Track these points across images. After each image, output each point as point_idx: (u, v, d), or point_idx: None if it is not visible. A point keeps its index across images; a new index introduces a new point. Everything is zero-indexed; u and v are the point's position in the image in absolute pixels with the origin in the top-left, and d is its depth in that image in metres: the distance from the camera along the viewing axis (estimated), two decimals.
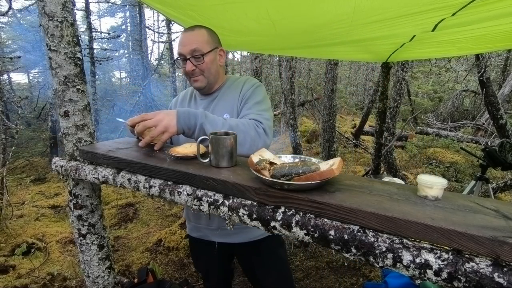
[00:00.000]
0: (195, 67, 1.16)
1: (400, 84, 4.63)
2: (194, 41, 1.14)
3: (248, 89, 1.23)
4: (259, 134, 1.06)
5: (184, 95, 1.41)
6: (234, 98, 1.23)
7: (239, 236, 1.30)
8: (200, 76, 1.20)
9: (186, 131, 1.01)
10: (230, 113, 1.21)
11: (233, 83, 1.29)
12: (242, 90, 1.23)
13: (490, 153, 2.46)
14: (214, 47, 1.19)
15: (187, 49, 1.14)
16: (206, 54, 1.15)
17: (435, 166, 5.74)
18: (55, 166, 1.23)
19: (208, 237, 1.33)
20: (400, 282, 1.79)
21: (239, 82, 1.28)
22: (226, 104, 1.24)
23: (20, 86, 10.78)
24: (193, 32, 1.17)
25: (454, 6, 1.24)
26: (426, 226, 0.57)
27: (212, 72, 1.21)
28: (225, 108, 1.23)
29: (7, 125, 3.81)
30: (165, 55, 10.95)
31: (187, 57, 1.15)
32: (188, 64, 1.16)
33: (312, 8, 1.39)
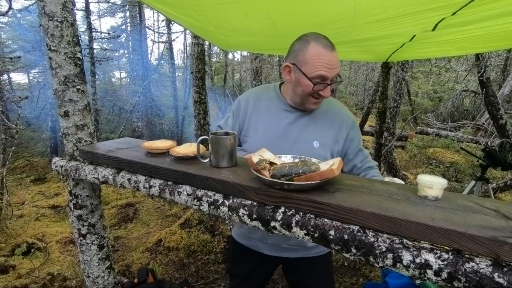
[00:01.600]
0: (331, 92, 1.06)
1: (400, 84, 4.63)
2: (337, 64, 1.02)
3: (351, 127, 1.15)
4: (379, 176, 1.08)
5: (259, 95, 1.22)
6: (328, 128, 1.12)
7: (294, 253, 1.23)
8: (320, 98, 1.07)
9: None
10: (320, 142, 1.11)
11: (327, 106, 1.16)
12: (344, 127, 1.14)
13: (490, 153, 2.45)
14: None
15: (333, 73, 1.01)
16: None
17: (435, 166, 5.74)
18: (55, 166, 1.23)
19: (259, 248, 1.26)
20: (400, 282, 1.79)
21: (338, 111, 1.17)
22: (318, 130, 1.12)
23: (20, 86, 10.78)
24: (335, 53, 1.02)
25: (454, 6, 1.24)
26: (426, 226, 0.57)
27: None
28: (316, 134, 1.11)
29: (7, 125, 3.81)
30: (165, 55, 10.94)
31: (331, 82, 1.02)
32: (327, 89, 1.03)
33: (312, 8, 1.39)
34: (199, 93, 3.53)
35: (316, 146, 1.10)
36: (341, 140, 1.13)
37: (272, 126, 1.14)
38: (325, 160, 1.04)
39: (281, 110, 1.16)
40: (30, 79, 11.04)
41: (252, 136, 1.17)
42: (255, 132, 1.16)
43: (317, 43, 1.02)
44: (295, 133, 1.12)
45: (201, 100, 3.55)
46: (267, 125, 1.15)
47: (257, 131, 1.16)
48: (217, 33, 1.96)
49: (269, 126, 1.14)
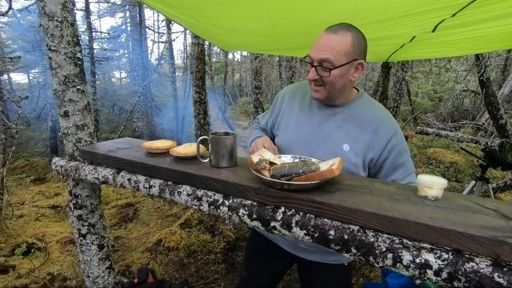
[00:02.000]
0: (318, 77, 0.97)
1: (400, 84, 4.63)
2: (329, 48, 0.93)
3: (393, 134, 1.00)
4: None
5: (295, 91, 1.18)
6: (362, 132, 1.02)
7: (313, 255, 1.19)
8: (321, 87, 1.00)
9: None
10: (351, 146, 1.01)
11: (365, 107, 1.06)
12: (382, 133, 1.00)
13: (490, 153, 2.45)
14: (352, 59, 0.95)
15: (317, 56, 0.94)
16: (336, 68, 0.94)
17: (435, 166, 5.74)
18: (55, 166, 1.23)
19: (277, 241, 1.24)
20: (400, 282, 1.78)
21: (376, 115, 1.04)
22: (349, 132, 1.02)
23: (20, 86, 10.78)
24: (335, 36, 0.93)
25: (454, 7, 1.24)
26: (426, 226, 0.57)
27: (337, 87, 0.99)
28: (347, 137, 1.02)
29: (7, 125, 3.81)
30: (165, 55, 10.94)
31: (314, 64, 0.96)
32: (311, 72, 0.98)
33: (312, 8, 1.39)
34: (199, 93, 3.53)
35: (346, 150, 1.01)
36: (377, 147, 1.00)
37: (303, 123, 1.10)
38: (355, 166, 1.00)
39: (314, 106, 1.10)
40: (30, 79, 11.04)
41: (283, 130, 1.15)
42: (286, 127, 1.14)
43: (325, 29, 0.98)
44: (324, 133, 1.05)
45: (201, 100, 3.56)
46: (298, 121, 1.11)
47: (288, 126, 1.13)
48: (217, 33, 1.96)
49: (300, 122, 1.10)
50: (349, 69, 0.97)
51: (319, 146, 1.04)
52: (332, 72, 0.94)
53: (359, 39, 0.96)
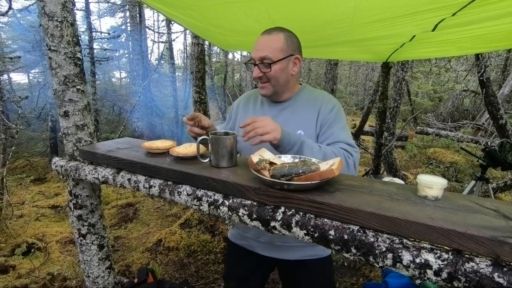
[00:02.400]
0: (262, 74, 1.11)
1: (400, 84, 4.63)
2: (266, 47, 1.08)
3: (330, 111, 1.14)
4: (349, 166, 1.03)
5: (248, 97, 1.32)
6: (309, 116, 1.15)
7: (288, 253, 1.23)
8: (267, 83, 1.13)
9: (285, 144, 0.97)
10: (304, 130, 1.14)
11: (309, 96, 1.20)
12: (321, 110, 1.15)
13: (490, 153, 2.45)
14: (288, 54, 1.10)
15: (257, 55, 1.09)
16: (275, 63, 1.08)
17: (435, 166, 5.74)
18: (55, 166, 1.23)
19: (253, 248, 1.28)
20: (400, 282, 1.79)
21: (316, 98, 1.19)
22: (299, 119, 1.16)
23: (20, 86, 10.78)
24: (269, 36, 1.10)
25: (454, 6, 1.24)
26: (426, 226, 0.57)
27: (280, 81, 1.13)
28: (299, 124, 1.15)
29: (7, 125, 3.81)
30: (165, 55, 10.95)
31: (256, 62, 1.11)
32: (255, 70, 1.12)
33: (312, 8, 1.39)
34: (199, 93, 3.53)
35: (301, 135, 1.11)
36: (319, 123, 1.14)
37: None
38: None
39: (265, 106, 1.24)
40: (30, 79, 11.05)
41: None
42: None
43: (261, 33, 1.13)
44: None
45: (201, 100, 3.56)
46: None
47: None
48: (217, 33, 1.96)
49: None
50: (287, 64, 1.12)
51: None
52: (272, 67, 1.08)
53: (291, 37, 1.12)
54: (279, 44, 1.08)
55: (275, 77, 1.11)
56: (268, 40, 1.09)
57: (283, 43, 1.09)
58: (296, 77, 1.19)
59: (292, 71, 1.14)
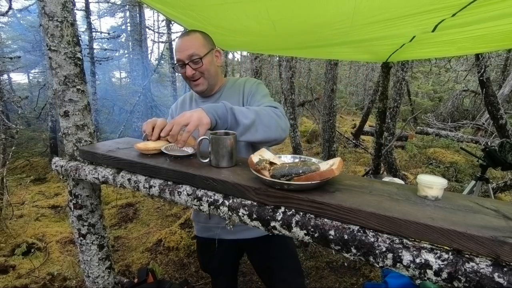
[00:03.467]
0: (195, 71, 1.19)
1: (400, 84, 4.63)
2: (190, 46, 1.17)
3: (251, 86, 1.27)
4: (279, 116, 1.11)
5: (183, 100, 1.43)
6: (237, 98, 1.26)
7: (251, 232, 1.32)
8: (201, 78, 1.22)
9: (219, 120, 0.98)
10: None
11: (234, 84, 1.32)
12: (245, 89, 1.27)
13: (490, 153, 2.45)
14: (210, 49, 1.22)
15: (184, 55, 1.17)
16: (203, 57, 1.18)
17: (435, 166, 5.74)
18: (55, 166, 1.23)
19: (219, 235, 1.34)
20: (400, 282, 1.79)
21: (240, 82, 1.32)
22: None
23: (20, 86, 10.79)
24: (188, 37, 1.20)
25: (454, 7, 1.24)
26: (426, 226, 0.57)
27: (212, 73, 1.24)
28: None
29: (7, 125, 3.81)
30: (165, 55, 10.95)
31: (186, 62, 1.18)
32: (188, 69, 1.19)
33: (312, 8, 1.39)
34: None
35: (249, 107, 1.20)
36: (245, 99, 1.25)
37: None
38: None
39: (199, 102, 1.34)
40: (30, 79, 11.04)
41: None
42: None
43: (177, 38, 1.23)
44: None
45: None
46: None
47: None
48: (217, 33, 1.96)
49: None
50: (212, 57, 1.23)
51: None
52: (202, 61, 1.18)
53: (205, 35, 1.25)
54: (199, 41, 1.20)
55: (207, 70, 1.21)
56: (189, 39, 1.19)
57: (202, 39, 1.21)
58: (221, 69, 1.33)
59: (217, 63, 1.27)
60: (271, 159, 0.85)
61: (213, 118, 0.96)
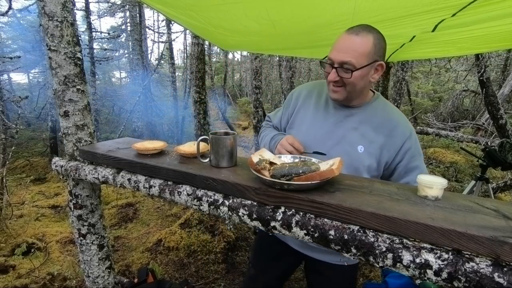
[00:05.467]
0: (339, 78, 0.98)
1: (400, 84, 4.63)
2: (351, 50, 0.94)
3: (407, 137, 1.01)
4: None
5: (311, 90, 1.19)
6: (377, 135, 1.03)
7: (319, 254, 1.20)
8: (341, 88, 1.01)
9: None
10: (366, 148, 1.02)
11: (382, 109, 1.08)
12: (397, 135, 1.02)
13: (490, 153, 2.45)
14: (372, 60, 0.96)
15: (338, 58, 0.96)
16: (357, 70, 0.95)
17: (435, 166, 5.74)
18: (55, 166, 1.23)
19: (285, 239, 1.26)
20: (400, 282, 1.78)
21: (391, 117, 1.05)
22: (365, 134, 1.03)
23: (20, 86, 10.79)
24: (355, 38, 0.94)
25: (454, 7, 1.24)
26: (426, 226, 0.57)
27: (357, 88, 1.00)
28: (362, 139, 1.03)
29: (7, 125, 3.81)
30: (165, 55, 10.94)
31: (335, 65, 0.97)
32: (332, 74, 0.99)
33: (312, 9, 1.39)
34: (199, 93, 3.52)
35: (360, 151, 1.02)
36: (392, 150, 1.02)
37: (318, 122, 1.11)
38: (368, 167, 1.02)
39: (330, 107, 1.11)
40: (30, 79, 11.04)
41: (297, 128, 1.15)
42: (300, 125, 1.14)
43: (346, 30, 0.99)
44: (340, 133, 1.06)
45: (201, 100, 3.55)
46: (314, 120, 1.12)
47: (302, 124, 1.14)
48: (217, 33, 1.96)
49: (315, 121, 1.11)
50: (369, 71, 0.98)
51: (334, 147, 1.05)
52: (353, 73, 0.95)
53: (380, 41, 0.97)
54: (366, 48, 0.94)
55: (353, 84, 0.98)
56: (355, 42, 0.94)
57: (371, 47, 0.95)
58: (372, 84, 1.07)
59: (371, 78, 1.01)
60: (271, 159, 0.85)
61: None
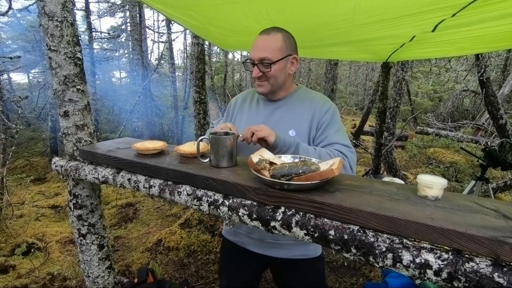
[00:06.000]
0: (261, 73, 1.13)
1: (400, 84, 4.63)
2: (266, 48, 1.10)
3: (325, 113, 1.16)
4: (345, 167, 1.04)
5: (244, 97, 1.35)
6: (303, 116, 1.17)
7: (279, 252, 1.24)
8: (265, 82, 1.15)
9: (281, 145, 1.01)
10: (297, 130, 1.16)
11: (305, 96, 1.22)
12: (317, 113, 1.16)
13: (490, 153, 2.45)
14: (286, 54, 1.13)
15: (256, 56, 1.11)
16: (275, 63, 1.10)
17: (435, 166, 5.74)
18: (55, 166, 1.23)
19: (245, 244, 1.29)
20: (400, 282, 1.79)
21: (313, 98, 1.21)
22: (293, 119, 1.18)
23: (20, 86, 10.79)
24: (268, 37, 1.11)
25: (454, 7, 1.24)
26: (426, 226, 0.57)
27: (279, 80, 1.15)
28: (291, 123, 1.17)
29: (7, 125, 3.81)
30: (165, 55, 10.94)
31: (255, 62, 1.13)
32: (254, 70, 1.14)
33: (312, 8, 1.39)
34: (199, 93, 3.52)
35: (292, 135, 1.14)
36: (315, 125, 1.16)
37: (252, 118, 1.24)
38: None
39: (260, 104, 1.26)
40: (30, 79, 11.04)
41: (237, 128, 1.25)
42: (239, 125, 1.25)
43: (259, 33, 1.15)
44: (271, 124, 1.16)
45: (201, 100, 3.55)
46: (249, 118, 1.25)
47: (240, 124, 1.25)
48: (217, 33, 1.96)
49: (250, 118, 1.25)
50: (286, 64, 1.14)
51: None
52: (272, 66, 1.10)
53: (288, 37, 1.14)
54: (277, 44, 1.10)
55: (274, 77, 1.13)
56: (267, 40, 1.11)
57: (282, 43, 1.11)
58: (292, 76, 1.22)
59: (289, 70, 1.17)
60: (271, 159, 0.85)
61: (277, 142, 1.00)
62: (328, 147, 1.11)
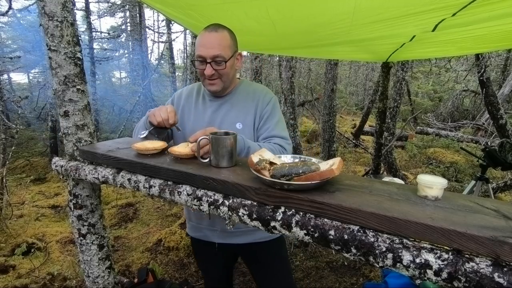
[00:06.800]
0: (214, 71, 1.13)
1: (400, 84, 4.63)
2: (217, 45, 1.10)
3: (267, 105, 1.22)
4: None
5: (190, 92, 1.35)
6: (248, 109, 1.22)
7: (241, 238, 1.29)
8: (217, 80, 1.16)
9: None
10: (243, 123, 1.20)
11: (248, 89, 1.27)
12: (260, 104, 1.22)
13: (490, 153, 2.45)
14: (234, 51, 1.16)
15: (209, 53, 1.10)
16: (228, 60, 1.12)
17: (435, 166, 5.74)
18: (55, 166, 1.23)
19: (209, 237, 1.33)
20: (400, 282, 1.79)
21: (255, 90, 1.26)
22: (239, 113, 1.22)
23: (20, 86, 10.77)
24: (216, 34, 1.11)
25: (455, 7, 1.24)
26: (426, 226, 0.57)
27: (230, 77, 1.19)
28: (238, 117, 1.21)
29: (7, 125, 3.81)
30: (165, 55, 10.94)
31: (208, 61, 1.11)
32: (208, 68, 1.12)
33: (312, 8, 1.39)
34: None
35: (239, 128, 1.20)
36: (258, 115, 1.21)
37: (200, 115, 1.27)
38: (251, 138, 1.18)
39: (207, 100, 1.29)
40: (30, 79, 11.03)
41: (185, 124, 1.29)
42: (187, 120, 1.29)
43: (204, 30, 1.14)
44: (219, 119, 1.23)
45: None
46: (196, 114, 1.28)
47: (188, 120, 1.29)
48: None
49: (197, 115, 1.28)
50: (234, 60, 1.18)
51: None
52: (226, 64, 1.12)
53: (232, 34, 1.17)
54: (227, 41, 1.12)
55: (226, 74, 1.15)
56: (217, 38, 1.11)
57: (230, 40, 1.14)
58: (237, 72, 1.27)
59: (236, 66, 1.21)
60: (271, 159, 0.85)
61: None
62: (268, 140, 1.18)
